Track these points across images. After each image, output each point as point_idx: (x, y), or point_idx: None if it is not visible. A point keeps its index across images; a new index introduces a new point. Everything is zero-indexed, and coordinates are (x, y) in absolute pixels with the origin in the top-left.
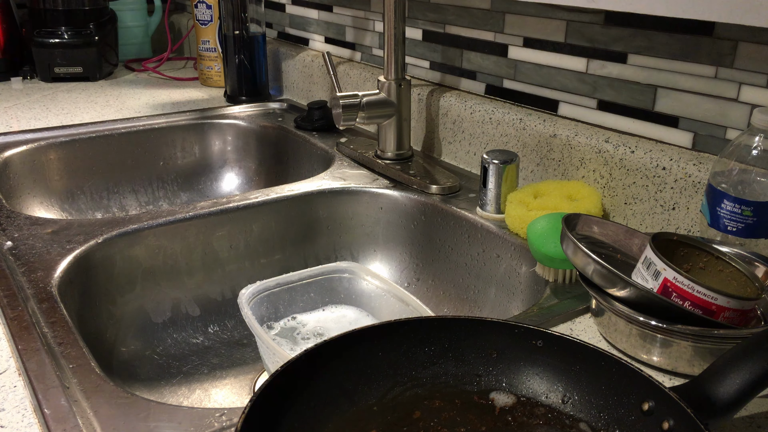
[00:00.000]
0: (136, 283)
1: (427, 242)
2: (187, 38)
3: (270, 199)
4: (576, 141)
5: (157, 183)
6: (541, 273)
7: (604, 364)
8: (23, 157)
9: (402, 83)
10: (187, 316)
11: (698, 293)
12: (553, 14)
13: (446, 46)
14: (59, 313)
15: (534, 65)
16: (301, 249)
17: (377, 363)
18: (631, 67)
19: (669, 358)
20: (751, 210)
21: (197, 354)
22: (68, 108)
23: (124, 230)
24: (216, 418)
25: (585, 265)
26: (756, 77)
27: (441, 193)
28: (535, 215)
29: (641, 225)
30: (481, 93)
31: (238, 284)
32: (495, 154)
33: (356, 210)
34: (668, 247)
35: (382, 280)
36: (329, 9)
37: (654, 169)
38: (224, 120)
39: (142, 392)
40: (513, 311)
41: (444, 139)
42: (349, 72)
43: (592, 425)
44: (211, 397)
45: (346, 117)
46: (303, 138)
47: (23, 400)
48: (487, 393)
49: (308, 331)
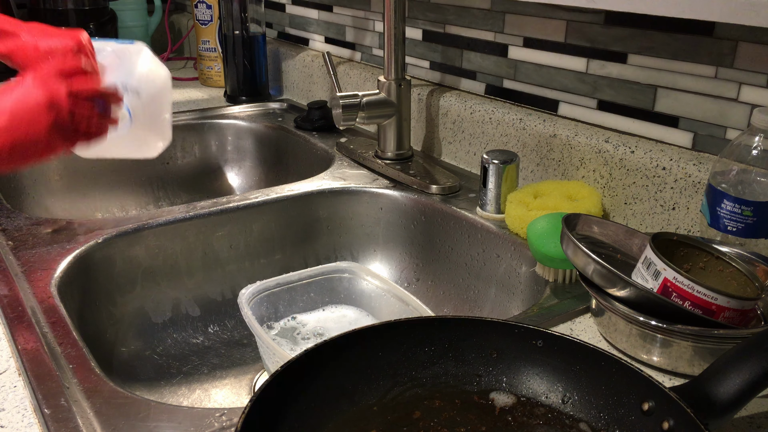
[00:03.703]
0: (136, 283)
1: (427, 242)
2: (187, 38)
3: (270, 199)
4: (576, 141)
5: (157, 183)
6: (541, 273)
7: (604, 364)
8: None
9: (402, 83)
10: (187, 316)
11: (698, 293)
12: (553, 14)
13: (446, 46)
14: (59, 313)
15: (534, 65)
16: (301, 249)
17: (377, 363)
18: (631, 67)
19: (669, 358)
20: (751, 210)
21: (197, 354)
22: None
23: (124, 230)
24: (216, 418)
25: (585, 265)
26: (756, 77)
27: (441, 193)
28: (535, 215)
29: (641, 225)
30: (481, 93)
31: (238, 284)
32: (495, 154)
33: (356, 210)
34: (668, 247)
35: (382, 280)
36: (329, 9)
37: (654, 169)
38: (224, 120)
39: (142, 392)
40: (513, 311)
41: (444, 139)
42: (349, 72)
43: (592, 425)
44: (211, 397)
45: (346, 117)
46: (303, 138)
47: (23, 400)
48: (487, 393)
49: (308, 331)
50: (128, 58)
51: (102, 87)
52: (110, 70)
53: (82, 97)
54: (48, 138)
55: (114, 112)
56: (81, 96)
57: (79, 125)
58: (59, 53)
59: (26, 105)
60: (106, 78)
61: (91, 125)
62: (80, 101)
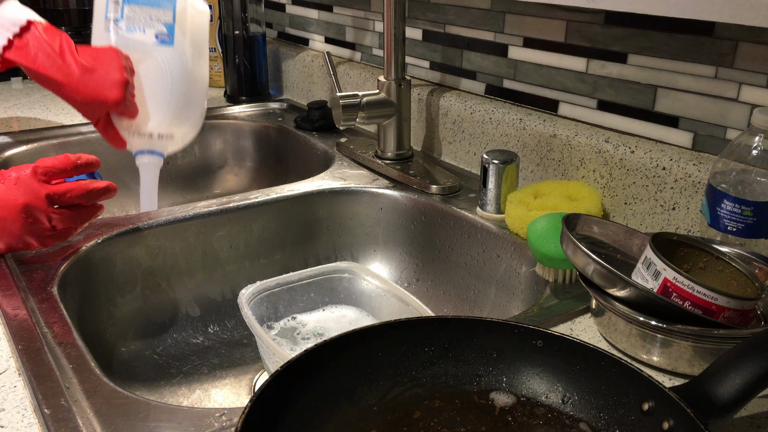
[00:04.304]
0: (136, 283)
1: (427, 242)
2: None
3: (270, 199)
4: (576, 141)
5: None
6: (541, 273)
7: (604, 364)
8: (23, 157)
9: (402, 83)
10: (187, 316)
11: (698, 293)
12: (553, 14)
13: (446, 46)
14: (59, 313)
15: (534, 65)
16: (301, 249)
17: (377, 363)
18: (631, 67)
19: (669, 358)
20: (751, 210)
21: (197, 354)
22: (68, 108)
23: (124, 230)
24: (216, 418)
25: (585, 265)
26: (756, 77)
27: (441, 193)
28: (535, 215)
29: (641, 225)
30: (481, 93)
31: (238, 284)
32: (495, 154)
33: (356, 210)
34: (668, 247)
35: (382, 280)
36: (329, 9)
37: (654, 169)
38: (224, 120)
39: (142, 392)
40: (513, 311)
41: (444, 139)
42: (349, 72)
43: (592, 425)
44: (211, 397)
45: (346, 117)
46: (303, 138)
47: (23, 400)
48: (487, 393)
49: (308, 331)
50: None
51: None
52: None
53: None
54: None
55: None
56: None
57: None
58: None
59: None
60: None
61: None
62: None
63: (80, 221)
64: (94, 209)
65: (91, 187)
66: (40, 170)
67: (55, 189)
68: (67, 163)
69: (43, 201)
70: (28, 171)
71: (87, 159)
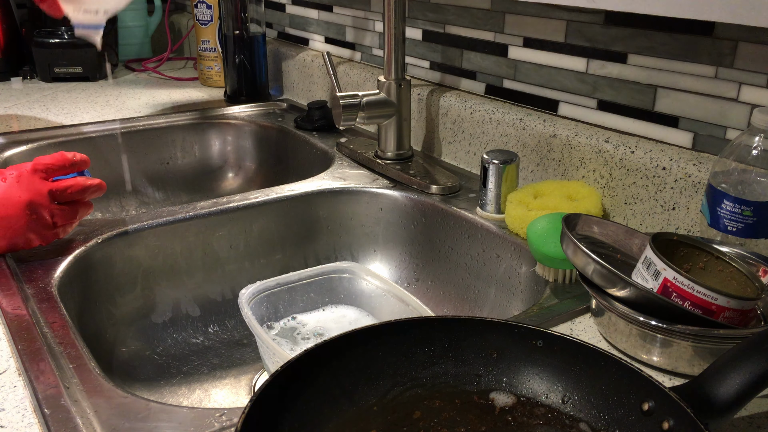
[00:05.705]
0: (136, 283)
1: (427, 242)
2: (187, 38)
3: (270, 199)
4: (576, 141)
5: (157, 183)
6: (541, 273)
7: (604, 364)
8: (23, 157)
9: (402, 83)
10: (187, 316)
11: (698, 293)
12: (553, 14)
13: (446, 46)
14: (59, 313)
15: (534, 65)
16: (301, 249)
17: (377, 363)
18: (631, 67)
19: (669, 358)
20: (751, 210)
21: (197, 354)
22: (68, 108)
23: (124, 230)
24: (216, 418)
25: (585, 265)
26: (756, 77)
27: (441, 193)
28: (535, 215)
29: (641, 225)
30: (481, 93)
31: (238, 284)
32: (495, 154)
33: (356, 210)
34: (668, 247)
35: (382, 280)
36: (329, 9)
37: (654, 169)
38: (224, 120)
39: (142, 392)
40: (513, 311)
41: (444, 139)
42: (349, 72)
43: (592, 425)
44: (211, 397)
45: (346, 117)
46: (303, 138)
47: (23, 400)
48: (487, 393)
49: (308, 331)
50: None
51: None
52: None
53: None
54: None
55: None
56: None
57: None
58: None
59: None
60: None
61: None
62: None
63: (77, 217)
64: (88, 206)
65: (88, 183)
66: (41, 167)
67: (56, 185)
68: (64, 161)
69: (45, 197)
70: (29, 168)
71: (81, 157)
